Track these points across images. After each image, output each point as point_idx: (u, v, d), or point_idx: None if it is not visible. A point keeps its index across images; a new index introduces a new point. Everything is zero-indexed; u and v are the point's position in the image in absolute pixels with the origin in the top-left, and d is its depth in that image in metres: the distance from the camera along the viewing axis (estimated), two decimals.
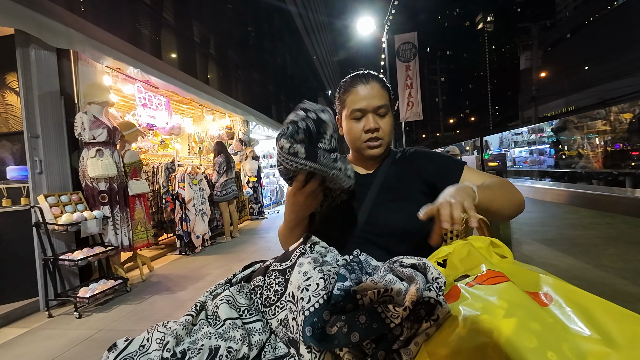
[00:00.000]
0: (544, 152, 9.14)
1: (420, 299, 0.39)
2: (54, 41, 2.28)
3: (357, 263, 0.51)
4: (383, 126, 0.77)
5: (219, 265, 3.21)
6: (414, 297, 0.38)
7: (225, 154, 4.34)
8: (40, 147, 2.38)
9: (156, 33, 6.08)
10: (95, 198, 2.55)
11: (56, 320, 2.13)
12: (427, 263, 0.45)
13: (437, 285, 0.41)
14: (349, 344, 0.38)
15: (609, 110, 7.39)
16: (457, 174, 0.75)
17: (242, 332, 0.50)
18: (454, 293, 0.43)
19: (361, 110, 0.76)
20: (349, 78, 0.80)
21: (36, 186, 2.36)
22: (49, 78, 2.46)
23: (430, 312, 0.38)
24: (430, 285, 0.41)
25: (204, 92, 4.47)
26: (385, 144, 0.79)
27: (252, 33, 11.45)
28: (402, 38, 10.94)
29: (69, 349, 1.73)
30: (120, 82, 3.33)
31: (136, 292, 2.55)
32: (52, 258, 2.23)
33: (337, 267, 0.50)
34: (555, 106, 19.06)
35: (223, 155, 4.28)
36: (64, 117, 2.54)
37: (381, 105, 0.76)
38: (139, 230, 2.91)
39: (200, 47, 7.63)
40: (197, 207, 3.78)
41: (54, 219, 2.26)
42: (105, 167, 2.51)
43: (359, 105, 0.76)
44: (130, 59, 3.03)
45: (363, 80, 0.77)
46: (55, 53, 2.49)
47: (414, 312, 0.38)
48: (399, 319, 0.37)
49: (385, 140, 0.78)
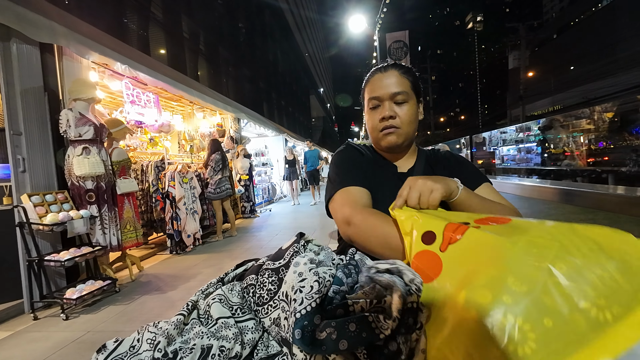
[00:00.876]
0: (531, 150, 9.36)
1: (405, 306, 0.39)
2: (36, 35, 2.21)
3: (354, 266, 0.51)
4: (400, 114, 0.72)
5: (211, 264, 3.18)
6: (399, 306, 0.38)
7: (222, 152, 4.30)
8: (23, 144, 2.30)
9: (144, 28, 5.94)
10: (82, 197, 2.49)
11: (42, 323, 2.08)
12: (399, 266, 0.45)
13: (416, 287, 0.41)
14: (336, 351, 0.37)
15: (593, 109, 7.61)
16: (475, 184, 0.73)
17: (234, 330, 0.49)
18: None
19: (377, 98, 0.73)
20: (371, 70, 0.79)
21: (19, 185, 2.29)
22: (32, 73, 2.38)
23: (416, 319, 0.39)
24: (410, 288, 0.41)
25: (194, 89, 4.40)
26: (403, 134, 0.74)
27: (243, 29, 11.31)
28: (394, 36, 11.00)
29: (55, 351, 1.69)
30: (107, 78, 3.24)
31: (125, 293, 2.51)
32: (37, 259, 2.17)
33: (332, 267, 0.49)
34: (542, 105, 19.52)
35: (220, 153, 4.23)
36: (48, 114, 2.47)
37: (398, 92, 0.71)
38: (128, 229, 2.86)
39: (189, 43, 7.50)
40: (188, 205, 3.73)
41: (38, 218, 2.19)
42: (92, 165, 2.45)
43: (375, 93, 0.73)
44: (117, 55, 2.96)
45: (382, 70, 0.75)
46: (38, 47, 2.41)
47: (402, 322, 0.38)
48: (388, 330, 0.37)
49: (403, 130, 0.73)
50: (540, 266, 0.33)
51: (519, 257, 0.35)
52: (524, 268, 0.34)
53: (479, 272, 0.37)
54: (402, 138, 0.74)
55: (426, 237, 0.47)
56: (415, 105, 0.75)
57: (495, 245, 0.38)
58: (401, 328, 0.38)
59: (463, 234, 0.43)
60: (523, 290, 0.32)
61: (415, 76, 0.77)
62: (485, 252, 0.39)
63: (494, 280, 0.34)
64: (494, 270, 0.35)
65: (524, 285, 0.32)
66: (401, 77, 0.73)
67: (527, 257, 0.34)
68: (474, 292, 0.35)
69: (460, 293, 0.36)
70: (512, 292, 0.32)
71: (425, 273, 0.44)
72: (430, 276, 0.43)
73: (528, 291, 0.31)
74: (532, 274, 0.33)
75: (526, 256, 0.35)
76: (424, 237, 0.48)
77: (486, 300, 0.33)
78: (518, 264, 0.34)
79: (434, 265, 0.43)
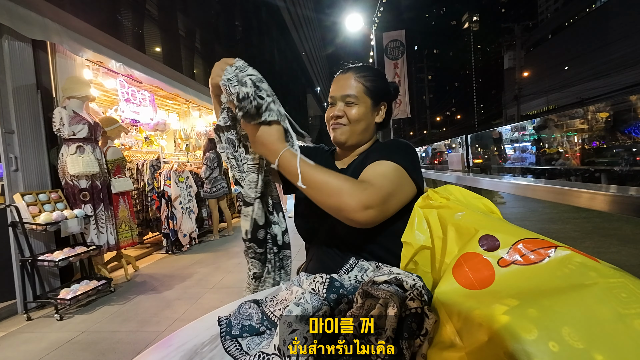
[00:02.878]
0: (526, 150, 9.44)
1: (404, 314, 0.38)
2: (28, 32, 2.17)
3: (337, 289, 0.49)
4: (348, 114, 0.76)
5: (207, 263, 3.17)
6: (394, 325, 0.37)
7: (217, 151, 4.28)
8: (16, 143, 2.27)
9: (139, 25, 5.88)
10: (76, 196, 2.46)
11: (35, 323, 2.05)
12: (398, 275, 0.45)
13: (417, 291, 0.41)
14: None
15: (587, 109, 7.69)
16: (375, 158, 0.68)
17: None
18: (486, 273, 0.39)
19: (332, 97, 0.78)
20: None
21: (12, 184, 2.26)
22: (24, 71, 2.34)
23: (420, 324, 0.38)
24: (411, 292, 0.41)
25: (190, 88, 4.36)
26: (349, 131, 0.77)
27: (240, 27, 11.24)
28: (390, 36, 11.02)
29: (49, 352, 1.68)
30: (102, 76, 3.20)
31: (120, 293, 2.49)
32: (30, 259, 2.14)
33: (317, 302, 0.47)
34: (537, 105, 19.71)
35: (215, 151, 4.21)
36: (41, 112, 2.43)
37: (348, 95, 0.75)
38: (123, 229, 2.83)
39: (185, 41, 7.44)
40: (184, 204, 3.71)
41: (31, 218, 2.16)
42: (87, 164, 2.42)
43: (332, 92, 0.79)
44: (112, 52, 2.92)
45: (342, 72, 0.80)
46: (30, 44, 2.37)
47: (406, 327, 0.38)
48: (383, 351, 0.37)
49: (349, 127, 0.76)
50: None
51: (589, 304, 0.30)
52: (591, 321, 0.29)
53: (533, 301, 0.32)
54: (346, 135, 0.77)
55: (486, 241, 0.43)
56: (366, 108, 0.77)
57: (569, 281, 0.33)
58: (404, 332, 0.38)
59: (543, 259, 0.37)
60: (578, 347, 0.28)
61: (375, 81, 0.78)
62: (551, 282, 0.34)
63: (547, 319, 0.30)
64: (550, 304, 0.31)
65: (582, 342, 0.28)
66: (355, 81, 0.76)
67: (603, 308, 0.29)
68: (518, 321, 0.30)
69: (502, 316, 0.32)
70: (564, 344, 0.28)
71: (469, 279, 0.40)
72: (474, 284, 0.39)
73: (585, 350, 0.27)
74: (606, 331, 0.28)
75: (601, 306, 0.30)
76: (482, 240, 0.43)
77: (529, 336, 0.29)
78: (586, 313, 0.30)
79: (484, 275, 0.39)
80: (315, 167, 0.61)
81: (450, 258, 0.46)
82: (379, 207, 0.58)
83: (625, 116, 6.66)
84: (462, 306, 0.36)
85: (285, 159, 0.61)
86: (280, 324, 0.43)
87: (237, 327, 0.50)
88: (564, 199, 1.49)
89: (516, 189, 1.99)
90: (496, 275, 0.38)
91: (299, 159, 0.60)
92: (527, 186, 1.88)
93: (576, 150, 7.50)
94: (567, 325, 0.29)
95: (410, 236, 0.56)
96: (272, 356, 0.43)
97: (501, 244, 0.41)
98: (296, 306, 0.43)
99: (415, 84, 49.52)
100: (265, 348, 0.45)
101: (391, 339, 0.37)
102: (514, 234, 0.42)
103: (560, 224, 4.11)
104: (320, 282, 0.49)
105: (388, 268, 0.54)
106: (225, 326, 0.51)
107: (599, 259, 0.36)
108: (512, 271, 0.37)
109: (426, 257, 0.54)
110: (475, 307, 0.35)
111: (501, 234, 0.42)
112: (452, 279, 0.41)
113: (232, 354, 0.47)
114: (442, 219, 0.52)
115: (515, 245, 0.40)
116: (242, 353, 0.47)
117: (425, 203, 0.59)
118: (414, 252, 0.55)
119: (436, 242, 0.52)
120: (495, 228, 0.44)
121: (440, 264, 0.49)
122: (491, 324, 0.31)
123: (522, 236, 0.41)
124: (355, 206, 0.56)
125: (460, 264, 0.42)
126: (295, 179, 0.60)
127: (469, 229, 0.46)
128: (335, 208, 0.58)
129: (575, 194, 1.42)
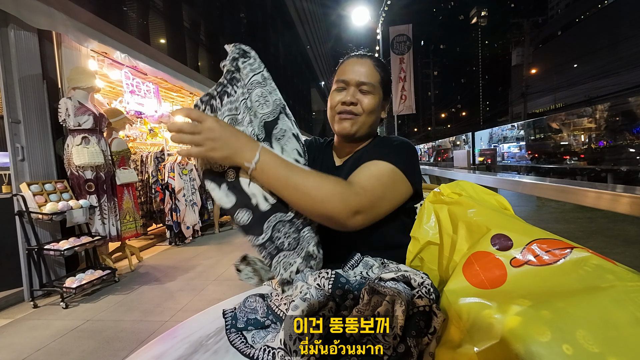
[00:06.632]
0: None
1: (411, 311, 0.38)
2: (34, 21, 2.17)
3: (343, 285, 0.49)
4: (363, 103, 0.69)
5: (209, 255, 3.19)
6: (401, 322, 0.37)
7: None
8: (22, 133, 2.29)
9: (144, 17, 5.85)
10: (81, 187, 2.48)
11: (41, 311, 2.09)
12: (405, 273, 0.44)
13: (426, 289, 0.41)
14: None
15: (595, 108, 7.57)
16: (371, 157, 0.64)
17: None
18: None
19: (344, 81, 0.70)
20: (348, 55, 0.76)
21: (18, 174, 2.28)
22: (30, 61, 2.34)
23: (428, 322, 0.38)
24: (419, 290, 0.41)
25: (195, 80, 4.35)
26: (360, 122, 0.70)
27: (245, 20, 11.15)
28: (397, 30, 10.85)
29: (55, 339, 1.71)
30: (107, 67, 3.20)
31: (124, 283, 2.52)
32: (36, 248, 2.17)
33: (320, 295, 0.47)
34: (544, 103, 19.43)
35: None
36: (46, 102, 2.44)
37: (366, 82, 0.69)
38: (128, 220, 2.86)
39: (190, 33, 7.40)
40: (188, 197, 3.73)
41: (37, 207, 2.19)
42: (92, 155, 2.43)
43: (343, 76, 0.70)
44: (117, 43, 2.92)
45: (358, 56, 0.73)
46: (36, 34, 2.37)
47: (414, 325, 0.38)
48: (390, 349, 0.37)
49: (361, 118, 0.69)
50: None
51: (605, 307, 0.30)
52: (607, 325, 0.28)
53: (547, 302, 0.31)
54: (357, 126, 0.70)
55: (499, 240, 0.41)
56: (379, 100, 0.72)
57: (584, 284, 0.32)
58: (412, 330, 0.38)
59: (558, 260, 0.36)
60: (593, 351, 0.27)
61: (388, 74, 0.74)
62: (565, 283, 0.33)
63: (560, 322, 0.29)
64: (564, 306, 0.30)
65: (597, 346, 0.27)
66: (373, 69, 0.71)
67: (619, 311, 0.29)
68: (531, 322, 0.30)
69: (514, 317, 0.31)
70: (579, 347, 0.27)
71: (480, 278, 0.39)
72: (485, 283, 0.38)
73: (600, 354, 0.27)
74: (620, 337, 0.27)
75: (617, 309, 0.29)
76: (495, 239, 0.42)
77: (542, 338, 0.28)
78: (602, 316, 0.29)
79: (495, 275, 0.38)
80: (301, 169, 0.57)
81: (460, 256, 0.45)
82: (368, 211, 0.56)
83: (634, 115, 6.54)
84: (472, 305, 0.36)
85: (264, 161, 0.54)
86: (286, 319, 0.43)
87: (242, 320, 0.50)
88: (568, 197, 1.48)
89: (522, 187, 1.97)
90: (508, 275, 0.37)
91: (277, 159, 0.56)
92: (533, 184, 1.86)
93: (583, 150, 7.38)
94: (582, 328, 0.28)
95: (418, 231, 0.56)
96: (277, 350, 0.42)
97: (514, 244, 0.40)
98: (302, 301, 0.43)
99: (421, 80, 48.99)
100: (270, 342, 0.45)
101: (399, 337, 0.37)
102: (528, 233, 0.41)
103: (564, 223, 4.08)
104: (325, 277, 0.49)
105: (395, 265, 0.54)
106: (231, 319, 0.51)
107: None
108: (525, 272, 0.37)
109: (433, 254, 0.53)
110: (485, 306, 0.34)
111: (514, 234, 0.41)
112: (462, 278, 0.41)
113: (237, 347, 0.47)
114: (453, 216, 0.52)
115: (529, 246, 0.39)
116: (247, 346, 0.47)
117: (437, 198, 0.58)
118: (420, 247, 0.54)
119: (445, 239, 0.51)
120: (508, 227, 0.43)
121: (448, 262, 0.48)
122: (502, 324, 0.31)
123: (536, 236, 0.40)
124: (346, 213, 0.53)
125: (470, 262, 0.41)
126: (278, 184, 0.55)
127: (481, 227, 0.45)
128: (324, 215, 0.55)
129: (581, 193, 1.41)
